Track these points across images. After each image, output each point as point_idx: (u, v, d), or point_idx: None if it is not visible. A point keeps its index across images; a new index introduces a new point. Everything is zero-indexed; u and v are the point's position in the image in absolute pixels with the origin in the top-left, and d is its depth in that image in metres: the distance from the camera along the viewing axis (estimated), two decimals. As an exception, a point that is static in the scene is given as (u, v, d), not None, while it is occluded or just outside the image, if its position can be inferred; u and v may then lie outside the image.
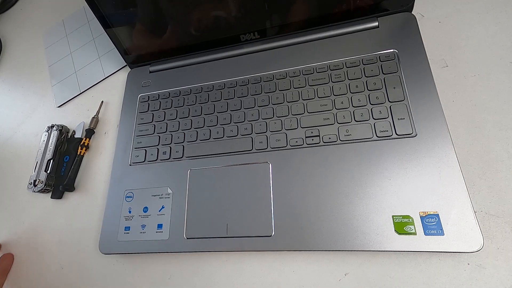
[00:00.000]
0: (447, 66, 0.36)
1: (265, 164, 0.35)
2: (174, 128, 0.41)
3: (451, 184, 0.29)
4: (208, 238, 0.34)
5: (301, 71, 0.39)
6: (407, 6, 0.37)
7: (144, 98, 0.45)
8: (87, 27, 0.57)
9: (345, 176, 0.32)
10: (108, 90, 0.51)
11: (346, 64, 0.37)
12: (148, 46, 0.45)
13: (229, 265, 0.34)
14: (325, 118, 0.35)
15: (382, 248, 0.29)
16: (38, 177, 0.45)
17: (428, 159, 0.30)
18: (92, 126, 0.47)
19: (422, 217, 0.28)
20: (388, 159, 0.31)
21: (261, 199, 0.34)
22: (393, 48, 0.36)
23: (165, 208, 0.37)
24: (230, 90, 0.41)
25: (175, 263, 0.36)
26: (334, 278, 0.31)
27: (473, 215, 0.27)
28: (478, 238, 0.27)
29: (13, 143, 0.53)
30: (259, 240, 0.32)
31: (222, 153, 0.38)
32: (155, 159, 0.40)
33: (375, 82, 0.35)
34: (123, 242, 0.37)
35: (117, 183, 0.40)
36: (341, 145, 0.34)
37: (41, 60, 0.59)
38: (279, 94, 0.39)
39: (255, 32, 0.41)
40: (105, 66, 0.52)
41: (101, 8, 0.40)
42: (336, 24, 0.39)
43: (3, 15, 0.69)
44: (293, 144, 0.35)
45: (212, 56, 0.44)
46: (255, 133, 0.37)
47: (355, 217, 0.30)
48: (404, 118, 0.33)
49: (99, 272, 0.39)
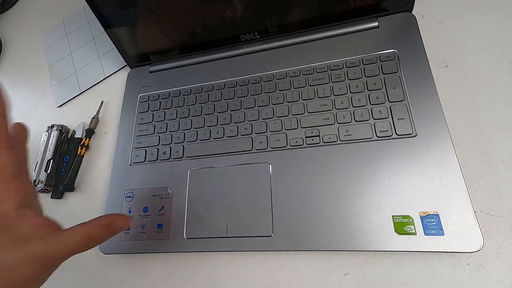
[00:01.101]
0: (447, 66, 0.36)
1: (265, 164, 0.35)
2: (174, 128, 0.41)
3: (451, 184, 0.29)
4: (208, 238, 0.34)
5: (301, 71, 0.39)
6: (407, 6, 0.37)
7: (144, 98, 0.45)
8: (87, 27, 0.57)
9: (345, 176, 0.32)
10: (108, 90, 0.51)
11: (346, 64, 0.37)
12: (148, 46, 0.45)
13: (229, 265, 0.34)
14: (325, 118, 0.35)
15: (382, 248, 0.29)
16: (38, 177, 0.45)
17: (428, 159, 0.30)
18: (92, 126, 0.47)
19: (422, 217, 0.28)
20: (388, 159, 0.31)
21: (261, 199, 0.34)
22: (393, 48, 0.36)
23: (165, 208, 0.37)
24: (230, 90, 0.41)
25: (175, 263, 0.36)
26: (334, 278, 0.31)
27: (473, 215, 0.27)
28: (478, 238, 0.27)
29: (13, 143, 0.53)
30: (259, 240, 0.32)
31: (222, 153, 0.38)
32: (155, 159, 0.40)
33: (375, 82, 0.35)
34: (123, 242, 0.37)
35: (117, 183, 0.40)
36: (341, 145, 0.34)
37: (41, 60, 0.59)
38: (279, 94, 0.39)
39: (255, 32, 0.41)
40: (105, 66, 0.52)
41: (101, 8, 0.40)
42: (336, 24, 0.39)
43: (3, 15, 0.69)
44: (293, 144, 0.35)
45: (212, 56, 0.44)
46: (255, 133, 0.37)
47: (355, 217, 0.30)
48: (404, 118, 0.33)
49: (99, 272, 0.39)
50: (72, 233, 0.24)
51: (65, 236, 0.24)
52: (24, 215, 0.23)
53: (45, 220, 0.24)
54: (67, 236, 0.24)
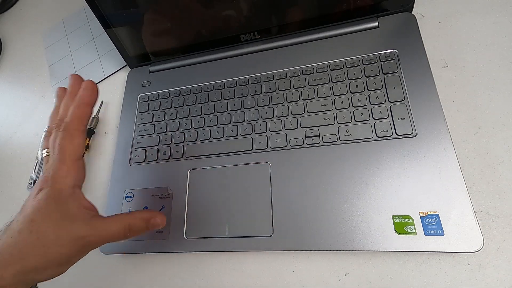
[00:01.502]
0: (447, 66, 0.36)
1: (265, 164, 0.35)
2: (174, 128, 0.41)
3: (451, 184, 0.29)
4: (208, 238, 0.34)
5: (301, 71, 0.39)
6: (407, 6, 0.37)
7: (144, 98, 0.45)
8: (87, 27, 0.57)
9: (345, 176, 0.32)
10: (108, 90, 0.51)
11: (346, 64, 0.37)
12: (148, 46, 0.45)
13: (229, 265, 0.34)
14: (325, 118, 0.35)
15: (382, 248, 0.29)
16: (38, 177, 0.45)
17: (428, 159, 0.30)
18: (92, 126, 0.47)
19: (422, 217, 0.28)
20: (388, 159, 0.31)
21: (261, 199, 0.34)
22: (393, 48, 0.36)
23: (165, 208, 0.37)
24: (230, 90, 0.41)
25: (175, 263, 0.36)
26: (334, 278, 0.31)
27: (473, 215, 0.27)
28: (478, 238, 0.27)
29: (13, 143, 0.53)
30: (259, 240, 0.32)
31: (222, 153, 0.38)
32: (155, 159, 0.40)
33: (375, 82, 0.35)
34: (123, 242, 0.37)
35: (117, 183, 0.40)
36: (341, 145, 0.34)
37: (41, 60, 0.59)
38: (279, 94, 0.39)
39: (255, 32, 0.41)
40: (105, 66, 0.52)
41: (101, 8, 0.40)
42: (336, 24, 0.39)
43: (3, 15, 0.69)
44: (293, 144, 0.35)
45: (212, 56, 0.44)
46: (255, 133, 0.37)
47: (355, 217, 0.30)
48: (404, 118, 0.33)
49: (99, 272, 0.39)
50: (114, 220, 0.25)
51: (107, 222, 0.25)
52: (75, 194, 0.24)
53: (89, 204, 0.26)
54: (109, 223, 0.25)
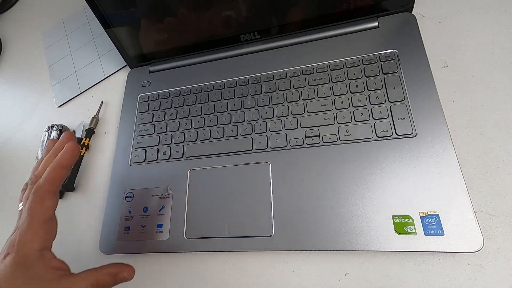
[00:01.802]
0: (447, 66, 0.36)
1: (265, 164, 0.35)
2: (174, 128, 0.41)
3: (451, 184, 0.29)
4: (208, 238, 0.34)
5: (301, 71, 0.39)
6: (407, 6, 0.37)
7: (144, 98, 0.45)
8: (87, 27, 0.57)
9: (345, 176, 0.32)
10: (108, 90, 0.51)
11: (346, 64, 0.37)
12: (148, 46, 0.45)
13: (229, 265, 0.34)
14: (325, 118, 0.35)
15: (382, 248, 0.29)
16: (38, 177, 0.45)
17: (428, 159, 0.30)
18: (92, 126, 0.47)
19: (422, 217, 0.28)
20: (388, 159, 0.31)
21: (261, 199, 0.34)
22: (393, 48, 0.36)
23: (165, 208, 0.37)
24: (230, 90, 0.41)
25: (175, 263, 0.36)
26: (334, 278, 0.31)
27: (473, 215, 0.27)
28: (478, 238, 0.27)
29: (13, 143, 0.53)
30: (259, 240, 0.32)
31: (222, 153, 0.38)
32: (155, 159, 0.40)
33: (375, 82, 0.35)
34: (123, 242, 0.37)
35: (117, 183, 0.40)
36: (341, 145, 0.34)
37: (41, 60, 0.59)
38: (279, 94, 0.39)
39: (255, 32, 0.41)
40: (105, 66, 0.52)
41: (101, 8, 0.40)
42: (336, 24, 0.39)
43: (3, 15, 0.69)
44: (293, 144, 0.35)
45: (212, 56, 0.44)
46: (255, 133, 0.37)
47: (355, 217, 0.30)
48: (404, 118, 0.33)
49: (99, 272, 0.39)
50: (82, 278, 0.26)
51: (74, 280, 0.26)
52: (43, 256, 0.25)
53: (58, 263, 0.26)
54: (77, 281, 0.26)
